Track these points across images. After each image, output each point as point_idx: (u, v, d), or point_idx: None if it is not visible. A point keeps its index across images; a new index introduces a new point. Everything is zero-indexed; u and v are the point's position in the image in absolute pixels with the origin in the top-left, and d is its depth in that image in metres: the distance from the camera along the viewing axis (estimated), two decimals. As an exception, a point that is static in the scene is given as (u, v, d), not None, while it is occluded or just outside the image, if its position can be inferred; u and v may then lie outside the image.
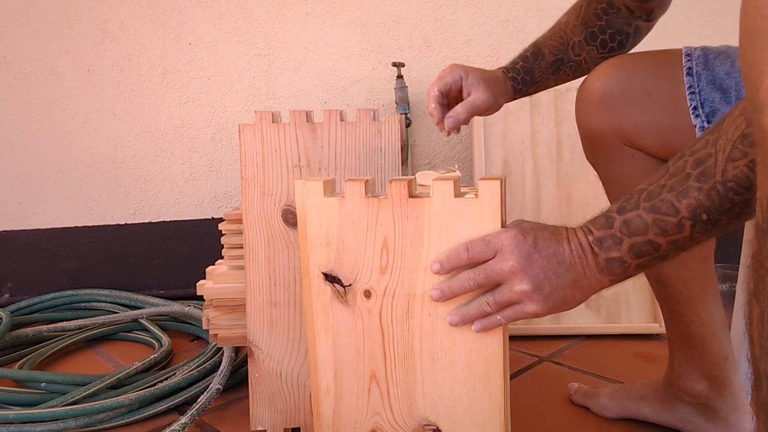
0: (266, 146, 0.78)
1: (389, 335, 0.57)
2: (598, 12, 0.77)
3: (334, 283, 0.58)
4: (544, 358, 1.07)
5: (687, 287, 0.74)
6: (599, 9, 0.77)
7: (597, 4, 0.78)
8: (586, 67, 0.79)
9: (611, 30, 0.77)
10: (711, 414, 0.76)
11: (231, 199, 1.51)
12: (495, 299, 0.52)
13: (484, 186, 0.53)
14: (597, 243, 0.51)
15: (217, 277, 0.86)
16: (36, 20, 1.46)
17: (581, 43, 0.78)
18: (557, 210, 1.18)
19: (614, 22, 0.77)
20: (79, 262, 1.50)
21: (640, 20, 0.78)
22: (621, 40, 0.77)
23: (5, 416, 0.82)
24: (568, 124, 1.18)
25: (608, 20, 0.77)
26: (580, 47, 0.78)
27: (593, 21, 0.77)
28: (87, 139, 1.49)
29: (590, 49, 0.78)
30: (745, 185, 0.44)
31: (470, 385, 0.56)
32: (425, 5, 1.42)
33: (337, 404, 0.60)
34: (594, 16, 0.77)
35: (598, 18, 0.77)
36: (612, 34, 0.77)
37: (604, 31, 0.77)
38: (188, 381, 0.96)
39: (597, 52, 0.78)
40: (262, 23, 1.45)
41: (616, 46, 0.78)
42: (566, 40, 0.79)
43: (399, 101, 1.36)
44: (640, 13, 0.78)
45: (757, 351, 0.34)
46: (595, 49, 0.78)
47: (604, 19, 0.77)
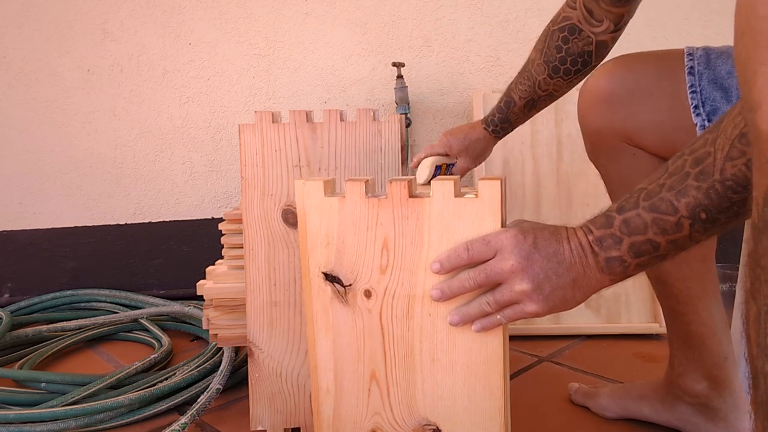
0: (266, 146, 0.78)
1: (389, 335, 0.57)
2: (558, 44, 0.78)
3: (334, 283, 0.58)
4: (544, 358, 1.07)
5: (687, 286, 0.74)
6: (560, 39, 0.78)
7: (559, 34, 0.78)
8: (559, 94, 0.84)
9: (571, 57, 0.78)
10: (711, 414, 0.76)
11: (231, 199, 1.51)
12: (495, 299, 0.52)
13: (484, 186, 0.53)
14: (597, 242, 0.51)
15: (217, 277, 0.86)
16: (36, 20, 1.46)
17: (546, 79, 0.81)
18: (557, 210, 1.18)
19: (573, 48, 0.78)
20: (79, 262, 1.51)
21: (605, 33, 0.77)
22: (584, 59, 0.78)
23: (5, 416, 0.83)
24: (569, 124, 1.18)
25: (567, 49, 0.78)
26: (546, 83, 0.82)
27: (554, 55, 0.79)
28: (87, 139, 1.50)
29: (555, 81, 0.81)
30: (743, 184, 0.44)
31: (470, 385, 0.56)
32: (425, 5, 1.43)
33: (337, 404, 0.60)
34: (554, 49, 0.79)
35: (558, 50, 0.79)
36: (573, 60, 0.78)
37: (564, 61, 0.79)
38: (188, 381, 0.96)
39: (563, 81, 0.81)
40: (262, 23, 1.45)
41: (581, 67, 0.79)
42: (533, 81, 0.83)
43: (399, 101, 1.36)
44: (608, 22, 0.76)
45: (754, 349, 0.34)
46: (560, 79, 0.81)
47: (563, 49, 0.78)
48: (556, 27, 0.79)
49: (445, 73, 1.44)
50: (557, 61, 0.79)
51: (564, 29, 0.78)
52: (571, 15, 0.77)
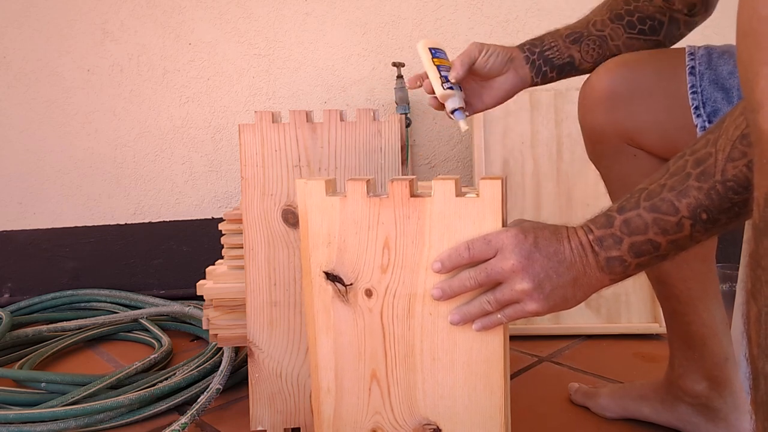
0: (266, 146, 0.78)
1: (390, 334, 0.57)
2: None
3: (335, 283, 0.58)
4: (544, 358, 1.07)
5: (688, 287, 0.74)
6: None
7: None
8: (614, 44, 0.74)
9: (640, 14, 0.73)
10: (711, 414, 0.76)
11: (231, 199, 1.51)
12: (496, 298, 0.52)
13: (485, 185, 0.53)
14: (597, 242, 0.51)
15: (217, 277, 0.86)
16: (36, 20, 1.46)
17: (604, 21, 0.73)
18: (557, 210, 1.18)
19: (644, 8, 0.73)
20: (79, 262, 1.50)
21: (679, 13, 0.74)
22: (653, 25, 0.73)
23: (5, 416, 0.82)
24: (569, 124, 1.18)
25: (637, 6, 0.73)
26: (603, 24, 0.74)
27: (620, 4, 0.74)
28: (87, 139, 1.49)
29: (615, 26, 0.73)
30: (744, 185, 0.44)
31: (471, 384, 0.56)
32: (425, 5, 1.43)
33: (337, 404, 0.60)
34: (622, 1, 0.74)
35: (626, 2, 0.74)
36: (641, 18, 0.73)
37: (631, 14, 0.73)
38: (188, 381, 0.96)
39: (624, 31, 0.73)
40: (262, 23, 1.45)
41: (647, 30, 0.73)
42: (587, 19, 0.75)
43: (399, 101, 1.37)
44: (680, 5, 0.74)
45: (754, 350, 0.34)
46: (621, 27, 0.73)
47: (632, 4, 0.73)
48: None
49: (445, 74, 1.44)
50: (623, 11, 0.73)
51: None
52: None
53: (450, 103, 0.74)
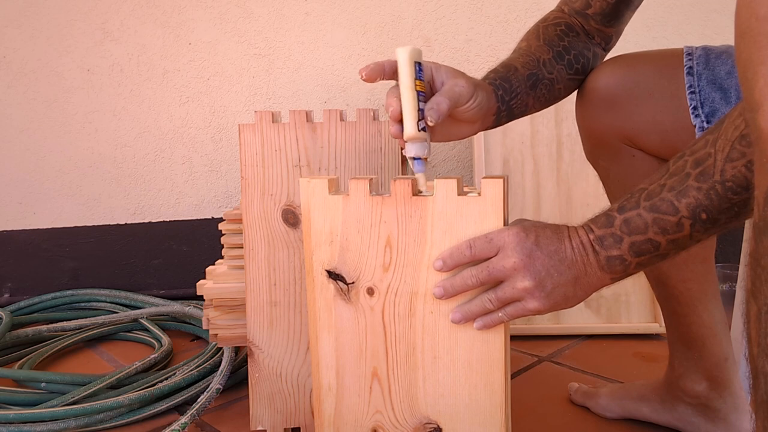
0: (266, 146, 0.78)
1: (391, 333, 0.57)
2: (559, 34, 0.72)
3: (337, 281, 0.58)
4: (544, 358, 1.07)
5: (687, 288, 0.74)
6: (559, 31, 0.73)
7: (556, 28, 0.73)
8: (558, 87, 0.71)
9: (574, 51, 0.72)
10: (711, 414, 0.76)
11: (231, 199, 1.51)
12: (497, 296, 0.53)
13: (487, 184, 0.53)
14: (598, 241, 0.51)
15: (217, 277, 0.86)
16: (36, 20, 1.46)
17: (551, 60, 0.70)
18: (557, 210, 1.19)
19: (575, 44, 0.72)
20: (79, 262, 1.50)
21: (597, 47, 0.75)
22: (584, 62, 0.72)
23: (5, 416, 0.82)
24: (568, 124, 1.19)
25: (570, 41, 0.72)
26: (551, 65, 0.70)
27: (556, 41, 0.71)
28: (87, 138, 1.49)
29: (560, 68, 0.70)
30: (743, 185, 0.45)
31: (471, 383, 0.56)
32: (425, 5, 1.43)
33: (338, 402, 0.60)
34: (556, 37, 0.72)
35: (560, 39, 0.72)
36: (576, 56, 0.72)
37: (568, 52, 0.71)
38: (188, 381, 0.96)
39: (565, 72, 0.71)
40: (262, 23, 1.45)
41: (581, 69, 0.73)
42: (535, 57, 0.70)
43: (399, 102, 1.36)
44: (598, 39, 0.75)
45: (755, 349, 0.34)
46: (563, 68, 0.71)
47: (566, 39, 0.72)
48: (550, 23, 0.73)
49: (445, 74, 1.44)
50: (561, 48, 0.71)
51: (560, 25, 0.73)
52: (563, 17, 0.74)
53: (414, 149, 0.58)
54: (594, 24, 0.73)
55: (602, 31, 0.74)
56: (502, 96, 0.66)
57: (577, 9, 0.74)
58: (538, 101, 0.70)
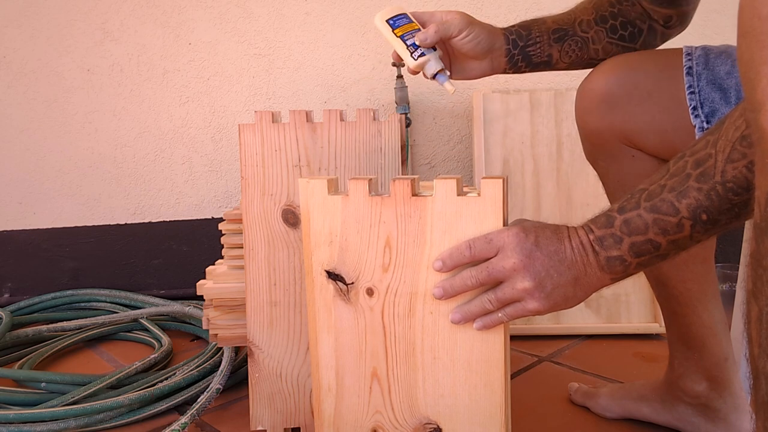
0: (266, 146, 0.78)
1: (391, 333, 0.57)
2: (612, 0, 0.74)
3: (336, 281, 0.58)
4: (544, 358, 1.07)
5: (687, 288, 0.74)
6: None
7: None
8: (594, 48, 0.74)
9: (623, 18, 0.73)
10: (711, 414, 0.76)
11: (231, 199, 1.51)
12: (497, 297, 0.53)
13: (486, 185, 0.53)
14: (598, 242, 0.51)
15: (217, 277, 0.86)
16: (36, 20, 1.46)
17: (590, 22, 0.73)
18: (557, 210, 1.19)
19: (627, 12, 0.73)
20: (79, 262, 1.50)
21: (656, 23, 0.75)
22: (633, 32, 0.73)
23: (5, 416, 0.82)
24: (568, 124, 1.19)
25: (621, 9, 0.73)
26: (588, 25, 0.73)
27: (606, 6, 0.74)
28: (87, 138, 1.49)
29: (599, 29, 0.73)
30: (744, 186, 0.44)
31: (471, 383, 0.56)
32: (425, 5, 1.43)
33: (338, 402, 0.60)
34: (608, 2, 0.74)
35: (611, 5, 0.74)
36: (624, 23, 0.73)
37: (615, 17, 0.73)
38: (188, 381, 0.96)
39: (606, 35, 0.73)
40: (262, 23, 1.45)
41: (627, 36, 0.74)
42: (574, 16, 0.74)
43: (399, 101, 1.37)
44: (657, 16, 0.75)
45: (755, 349, 0.34)
46: (603, 31, 0.73)
47: (617, 6, 0.74)
48: None
49: (445, 74, 1.44)
50: (607, 13, 0.73)
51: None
52: None
53: (428, 69, 0.70)
54: (646, 3, 0.73)
55: (656, 11, 0.73)
56: (515, 40, 0.73)
57: None
58: (566, 55, 0.74)
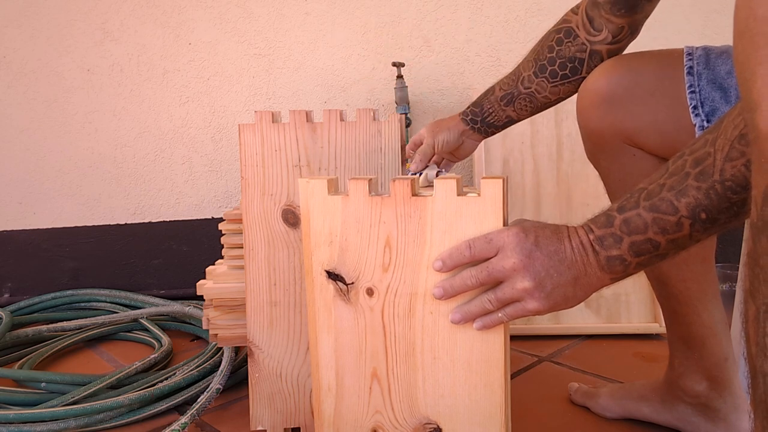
0: (266, 146, 0.78)
1: (391, 333, 0.57)
2: (551, 44, 0.78)
3: (336, 281, 0.58)
4: (544, 358, 1.07)
5: (687, 287, 0.74)
6: (554, 40, 0.78)
7: (555, 35, 0.78)
8: (542, 97, 0.81)
9: (561, 60, 0.78)
10: (711, 414, 0.76)
11: (231, 199, 1.51)
12: (497, 297, 0.53)
13: (486, 185, 0.53)
14: (598, 241, 0.51)
15: (217, 277, 0.86)
16: (36, 20, 1.46)
17: (530, 77, 0.80)
18: (557, 210, 1.19)
19: (566, 51, 0.77)
20: (79, 262, 1.50)
21: (601, 44, 0.76)
22: (573, 66, 0.77)
23: (5, 416, 0.82)
24: (569, 124, 1.19)
25: (559, 51, 0.78)
26: (529, 81, 0.80)
27: (544, 54, 0.79)
28: (87, 138, 1.50)
29: (540, 80, 0.79)
30: (742, 184, 0.44)
31: (471, 384, 0.56)
32: (425, 5, 1.43)
33: (338, 403, 0.60)
34: (547, 48, 0.79)
35: (549, 50, 0.78)
36: (562, 64, 0.78)
37: (553, 62, 0.78)
38: (188, 381, 0.96)
39: (548, 82, 0.79)
40: (262, 23, 1.45)
41: (569, 73, 0.78)
42: (517, 75, 0.82)
43: (399, 101, 1.37)
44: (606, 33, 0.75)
45: (753, 349, 0.34)
46: (544, 80, 0.79)
47: (555, 50, 0.78)
48: (554, 28, 0.79)
49: (445, 73, 1.44)
50: (546, 61, 0.79)
51: (560, 31, 0.78)
52: (571, 19, 0.77)
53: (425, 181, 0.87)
54: (604, 13, 0.74)
55: (611, 22, 0.74)
56: (472, 119, 0.88)
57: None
58: (522, 111, 0.84)
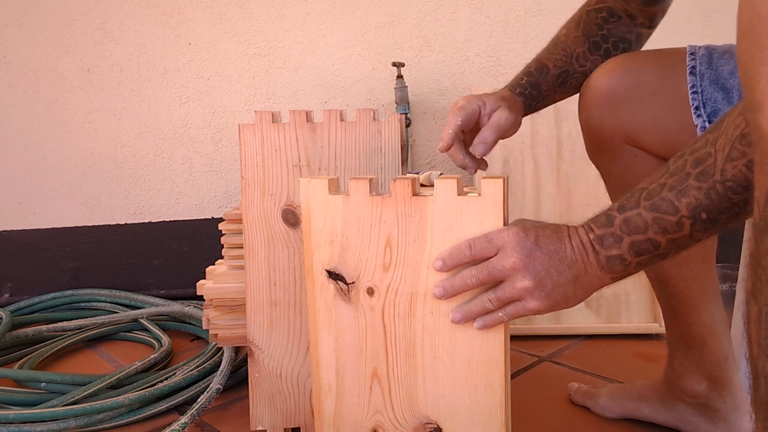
0: (266, 146, 0.78)
1: (391, 333, 0.57)
2: (599, 22, 0.76)
3: (337, 281, 0.58)
4: (544, 358, 1.07)
5: (688, 287, 0.74)
6: (599, 19, 0.76)
7: (597, 14, 0.76)
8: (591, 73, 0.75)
9: (614, 38, 0.75)
10: (711, 414, 0.76)
11: (231, 199, 1.51)
12: (497, 296, 0.53)
13: (487, 184, 0.53)
14: (598, 241, 0.51)
15: (217, 277, 0.86)
16: (36, 20, 1.46)
17: (585, 53, 0.75)
18: (557, 210, 1.19)
19: (616, 30, 0.75)
20: (79, 262, 1.50)
21: (641, 27, 0.77)
22: (624, 48, 0.76)
23: (5, 416, 0.82)
24: (569, 124, 1.19)
25: (610, 29, 0.75)
26: (584, 57, 0.76)
27: (594, 31, 0.75)
28: (87, 138, 1.50)
29: (594, 58, 0.75)
30: (743, 185, 0.44)
31: (471, 383, 0.56)
32: (425, 5, 1.43)
33: (338, 402, 0.60)
34: (595, 26, 0.76)
35: (599, 28, 0.75)
36: (615, 43, 0.75)
37: (606, 40, 0.75)
38: (188, 381, 0.96)
39: (601, 60, 0.75)
40: (262, 23, 1.45)
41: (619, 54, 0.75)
42: (569, 51, 0.76)
43: (399, 101, 1.37)
44: (642, 19, 0.76)
45: (755, 349, 0.34)
46: (599, 58, 0.75)
47: (605, 28, 0.75)
48: (592, 8, 0.76)
49: (445, 73, 1.44)
50: (599, 38, 0.75)
51: (602, 11, 0.75)
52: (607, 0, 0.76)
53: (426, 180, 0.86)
54: (635, 5, 0.74)
55: (644, 11, 0.75)
56: (530, 104, 0.76)
57: None
58: (567, 92, 0.77)
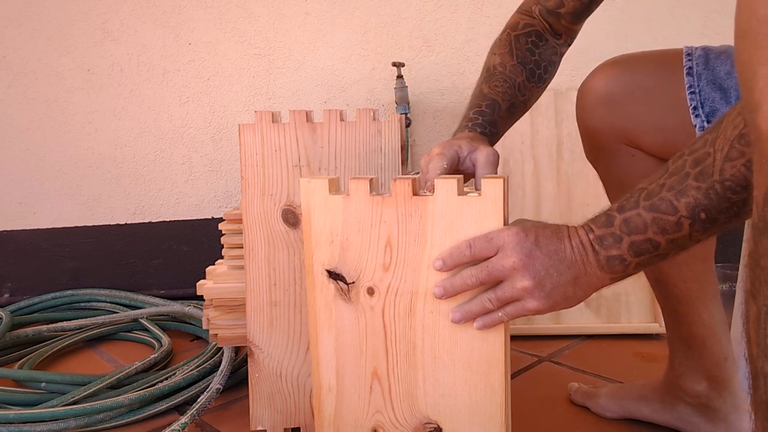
0: (266, 146, 0.78)
1: (391, 333, 0.57)
2: (530, 47, 0.75)
3: (337, 281, 0.58)
4: (544, 358, 1.07)
5: (687, 287, 0.74)
6: (530, 43, 0.75)
7: (527, 39, 0.75)
8: (529, 104, 0.76)
9: (544, 63, 0.76)
10: (711, 414, 0.76)
11: (231, 199, 1.51)
12: (497, 296, 0.53)
13: (487, 184, 0.53)
14: (597, 241, 0.51)
15: (217, 277, 0.86)
16: (36, 20, 1.46)
17: (524, 83, 0.74)
18: (557, 210, 1.19)
19: (545, 54, 0.76)
20: (79, 262, 1.50)
21: (564, 46, 0.78)
22: (551, 71, 0.77)
23: (5, 416, 0.82)
24: (568, 124, 1.19)
25: (540, 53, 0.75)
26: (524, 87, 0.74)
27: (528, 57, 0.74)
28: (87, 138, 1.50)
29: (531, 86, 0.75)
30: (742, 184, 0.45)
31: (471, 383, 0.56)
32: (425, 5, 1.43)
33: (338, 402, 0.60)
34: (527, 52, 0.75)
35: (531, 53, 0.75)
36: (545, 67, 0.76)
37: (539, 66, 0.75)
38: (188, 381, 0.96)
39: (536, 87, 0.76)
40: (262, 23, 1.45)
41: (547, 78, 0.77)
42: (511, 82, 0.73)
43: (399, 101, 1.37)
44: (566, 37, 0.77)
45: (754, 349, 0.34)
46: (534, 86, 0.75)
47: (536, 53, 0.75)
48: (520, 33, 0.76)
49: (445, 73, 1.44)
50: (533, 64, 0.75)
51: (531, 35, 0.76)
52: (533, 23, 0.77)
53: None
54: (564, 23, 0.76)
55: (570, 29, 0.76)
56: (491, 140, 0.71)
57: (550, 8, 0.75)
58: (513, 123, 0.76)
